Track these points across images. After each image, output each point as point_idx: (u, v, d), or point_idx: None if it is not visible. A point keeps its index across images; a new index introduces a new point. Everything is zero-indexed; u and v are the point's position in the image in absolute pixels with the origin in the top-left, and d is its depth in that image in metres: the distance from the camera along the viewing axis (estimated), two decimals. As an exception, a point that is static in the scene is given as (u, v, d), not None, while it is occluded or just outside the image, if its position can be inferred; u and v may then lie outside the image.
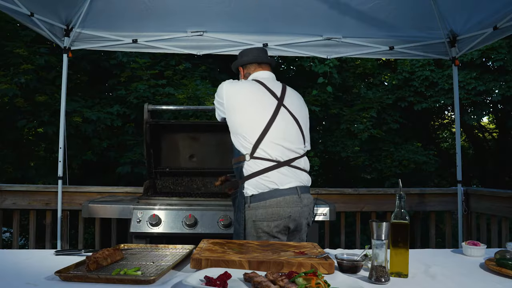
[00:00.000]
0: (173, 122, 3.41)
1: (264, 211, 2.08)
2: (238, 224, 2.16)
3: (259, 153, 2.10)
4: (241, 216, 2.13)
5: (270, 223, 2.08)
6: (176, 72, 6.91)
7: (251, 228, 2.10)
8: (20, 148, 6.48)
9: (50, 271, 1.47)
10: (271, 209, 2.08)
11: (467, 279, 1.48)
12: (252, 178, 2.09)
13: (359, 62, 8.80)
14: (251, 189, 2.10)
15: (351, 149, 7.86)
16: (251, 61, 2.38)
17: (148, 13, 3.42)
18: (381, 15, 3.47)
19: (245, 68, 2.40)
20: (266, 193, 2.08)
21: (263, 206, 2.08)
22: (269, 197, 2.07)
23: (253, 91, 2.22)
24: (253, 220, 2.09)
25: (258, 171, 2.09)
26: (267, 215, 2.08)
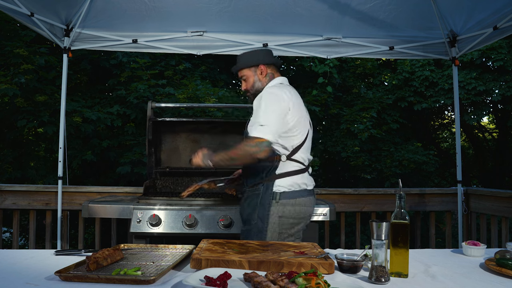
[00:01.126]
0: (176, 119, 3.41)
1: (292, 208, 2.19)
2: (261, 221, 2.18)
3: (296, 156, 2.22)
4: (265, 212, 2.18)
5: (294, 220, 2.21)
6: (176, 72, 6.91)
7: (275, 224, 2.17)
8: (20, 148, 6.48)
9: (50, 271, 1.47)
10: (299, 207, 2.21)
11: (467, 279, 1.48)
12: (286, 177, 2.19)
13: (359, 62, 8.81)
14: (283, 187, 2.18)
15: (351, 149, 7.86)
16: (274, 63, 2.41)
17: (148, 13, 3.43)
18: (381, 15, 3.47)
19: (269, 68, 2.38)
20: (297, 191, 2.20)
21: (292, 203, 2.19)
22: (299, 196, 2.21)
23: (298, 98, 2.29)
24: (279, 216, 2.17)
25: (293, 171, 2.21)
26: (295, 212, 2.20)
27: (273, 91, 2.22)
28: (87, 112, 5.90)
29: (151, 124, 3.18)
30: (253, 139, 2.09)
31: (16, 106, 5.67)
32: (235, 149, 2.14)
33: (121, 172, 5.78)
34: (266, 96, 2.20)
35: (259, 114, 2.14)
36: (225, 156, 2.18)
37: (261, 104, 2.17)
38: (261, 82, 2.36)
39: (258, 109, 2.18)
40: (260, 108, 2.15)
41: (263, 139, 2.07)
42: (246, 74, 2.37)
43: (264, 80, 2.36)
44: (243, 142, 2.15)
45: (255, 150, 2.08)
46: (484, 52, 7.53)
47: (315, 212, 2.86)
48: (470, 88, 7.71)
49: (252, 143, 2.09)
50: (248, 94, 2.41)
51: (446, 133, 12.38)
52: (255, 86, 2.36)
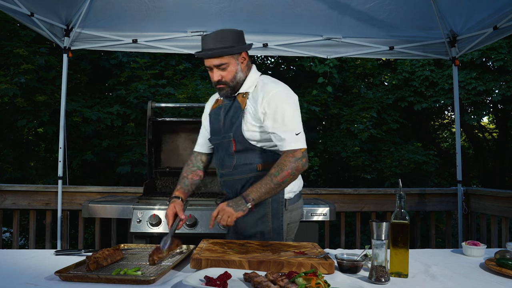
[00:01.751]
0: (176, 119, 3.40)
1: (297, 213, 2.12)
2: (277, 233, 1.96)
3: None
4: (279, 223, 1.97)
5: (296, 224, 2.15)
6: (176, 72, 6.92)
7: (285, 232, 2.02)
8: (20, 148, 6.49)
9: (50, 271, 1.47)
10: (300, 210, 2.15)
11: (467, 279, 1.48)
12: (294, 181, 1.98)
13: (359, 62, 8.81)
14: (292, 192, 2.05)
15: (351, 149, 7.86)
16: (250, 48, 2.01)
17: (148, 13, 3.43)
18: (381, 15, 3.47)
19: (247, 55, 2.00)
20: (297, 195, 2.11)
21: (296, 207, 2.10)
22: (297, 200, 2.12)
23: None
24: (288, 224, 2.06)
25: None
26: (298, 216, 2.13)
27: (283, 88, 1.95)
28: (87, 112, 5.91)
29: (151, 124, 3.19)
30: (297, 150, 1.86)
31: (16, 106, 5.67)
32: (281, 171, 1.83)
33: (121, 172, 5.78)
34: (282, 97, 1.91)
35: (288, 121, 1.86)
36: (271, 186, 1.84)
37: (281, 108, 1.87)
38: (243, 72, 1.98)
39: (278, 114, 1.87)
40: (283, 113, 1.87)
41: (304, 148, 1.88)
42: (228, 62, 1.91)
43: (245, 69, 1.99)
44: (287, 159, 1.85)
45: (304, 162, 1.87)
46: (484, 52, 7.53)
47: (315, 212, 2.86)
48: (470, 88, 7.71)
49: (299, 155, 1.85)
50: (223, 87, 1.96)
51: (446, 133, 12.38)
52: (237, 77, 1.96)
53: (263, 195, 1.84)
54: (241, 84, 1.99)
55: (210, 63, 1.92)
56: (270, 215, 1.96)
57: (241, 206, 1.83)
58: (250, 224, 1.98)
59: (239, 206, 1.83)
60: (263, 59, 9.82)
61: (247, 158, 1.97)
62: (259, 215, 1.97)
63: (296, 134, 1.87)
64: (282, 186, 1.87)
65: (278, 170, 1.83)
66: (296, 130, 1.87)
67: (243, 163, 1.98)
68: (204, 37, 1.91)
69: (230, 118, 1.99)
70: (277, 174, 1.83)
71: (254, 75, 2.02)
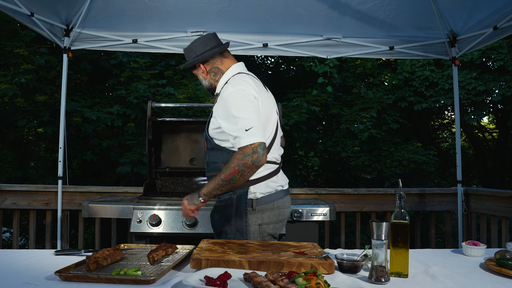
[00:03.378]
0: (176, 119, 3.41)
1: (272, 213, 2.03)
2: (240, 234, 1.99)
3: (269, 156, 1.99)
4: (243, 223, 1.99)
5: (276, 224, 2.07)
6: (176, 72, 6.92)
7: (256, 233, 2.01)
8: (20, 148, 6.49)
9: (50, 271, 1.47)
10: (278, 210, 2.06)
11: (467, 279, 1.48)
12: (261, 182, 1.99)
13: (359, 62, 8.81)
14: (259, 193, 2.00)
15: (351, 149, 7.86)
16: (216, 52, 2.05)
17: (148, 13, 3.43)
18: (381, 15, 3.47)
19: (208, 64, 2.06)
20: (273, 194, 2.03)
21: (270, 208, 2.02)
22: (276, 198, 2.04)
23: (263, 89, 2.05)
24: (258, 224, 2.01)
25: (267, 174, 2.01)
26: (274, 216, 2.05)
27: (235, 87, 1.93)
28: (87, 112, 5.91)
29: (151, 124, 3.19)
30: (246, 147, 1.80)
31: (16, 106, 5.67)
32: (228, 168, 1.83)
33: (121, 172, 5.78)
34: (230, 96, 1.91)
35: (237, 119, 1.85)
36: (219, 183, 1.87)
37: (230, 108, 1.88)
38: (207, 80, 2.09)
39: (229, 115, 1.88)
40: (232, 113, 1.86)
41: (256, 143, 1.80)
42: (195, 72, 2.13)
43: (210, 77, 2.08)
44: (236, 156, 1.83)
45: (255, 158, 1.79)
46: (484, 52, 7.53)
47: (315, 212, 2.86)
48: (470, 88, 7.72)
49: (247, 151, 1.80)
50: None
51: (446, 133, 12.38)
52: (204, 83, 2.12)
53: (212, 190, 1.91)
54: (214, 87, 2.11)
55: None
56: (235, 215, 2.00)
57: (193, 200, 1.95)
58: (218, 223, 2.09)
59: (192, 199, 1.96)
60: (263, 59, 9.82)
61: (215, 156, 2.05)
62: (224, 214, 2.04)
63: (246, 130, 1.82)
64: (232, 183, 1.86)
65: (226, 167, 1.85)
66: (245, 126, 1.83)
67: (212, 161, 2.07)
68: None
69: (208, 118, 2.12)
70: (225, 171, 1.85)
71: (226, 76, 2.05)
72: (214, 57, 2.06)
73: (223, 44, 2.09)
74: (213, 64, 2.07)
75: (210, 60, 2.06)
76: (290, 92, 8.02)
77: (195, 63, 2.06)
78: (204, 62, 2.07)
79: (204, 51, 2.05)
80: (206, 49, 2.05)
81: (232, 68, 2.07)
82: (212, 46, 2.06)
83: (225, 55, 2.09)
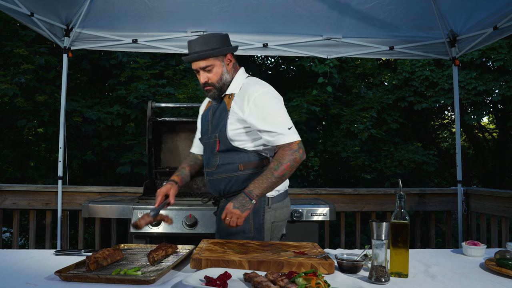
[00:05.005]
0: (176, 119, 3.41)
1: (282, 211, 2.09)
2: (258, 232, 1.99)
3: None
4: (261, 221, 2.00)
5: (283, 223, 2.12)
6: (176, 72, 6.91)
7: (268, 230, 2.03)
8: (20, 148, 6.48)
9: (50, 271, 1.47)
10: (287, 209, 2.12)
11: (467, 279, 1.48)
12: None
13: (359, 62, 8.81)
14: (275, 191, 2.02)
15: (351, 149, 7.86)
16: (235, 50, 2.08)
17: (148, 13, 3.43)
18: (381, 15, 3.47)
19: (232, 57, 2.06)
20: (282, 193, 2.09)
21: (281, 206, 2.08)
22: (284, 197, 2.10)
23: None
24: (272, 222, 2.04)
25: None
26: (284, 214, 2.10)
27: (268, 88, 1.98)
28: (87, 112, 5.91)
29: (151, 124, 3.19)
30: (293, 143, 1.88)
31: (16, 106, 5.67)
32: (280, 165, 1.85)
33: (121, 172, 5.78)
34: (267, 96, 1.95)
35: (277, 118, 1.90)
36: (273, 180, 1.87)
37: (268, 107, 1.91)
38: (229, 74, 2.03)
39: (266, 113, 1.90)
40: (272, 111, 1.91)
41: (298, 140, 1.90)
42: (213, 64, 1.98)
43: (232, 71, 2.05)
44: (284, 152, 1.87)
45: (301, 154, 1.89)
46: (484, 52, 7.52)
47: (315, 212, 2.86)
48: (470, 88, 7.71)
49: (295, 147, 1.87)
50: (210, 88, 2.02)
51: (446, 133, 12.38)
52: (223, 79, 2.01)
53: (265, 189, 1.88)
54: (228, 85, 2.04)
55: (197, 65, 1.99)
56: (252, 213, 1.96)
57: (246, 205, 1.85)
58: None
59: (244, 205, 1.85)
60: (263, 59, 9.82)
61: (230, 158, 2.01)
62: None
63: (288, 129, 1.90)
64: (283, 179, 1.90)
65: (277, 164, 1.87)
66: (287, 125, 1.91)
67: (226, 162, 2.01)
68: (190, 42, 1.99)
69: (217, 119, 2.05)
70: (277, 168, 1.86)
71: (240, 76, 2.06)
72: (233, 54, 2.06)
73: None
74: (234, 60, 2.07)
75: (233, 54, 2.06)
76: (290, 92, 8.02)
77: (229, 51, 2.01)
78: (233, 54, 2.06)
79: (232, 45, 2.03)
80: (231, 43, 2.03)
81: (242, 70, 2.09)
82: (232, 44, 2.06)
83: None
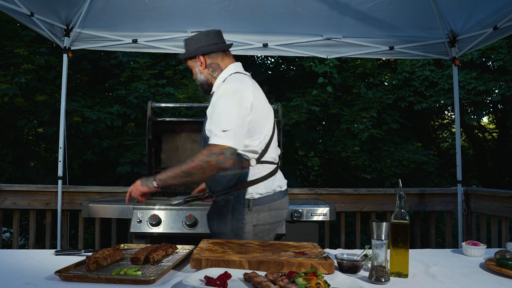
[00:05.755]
0: (176, 119, 3.41)
1: (268, 214, 2.00)
2: (235, 235, 1.96)
3: (267, 157, 2.00)
4: (239, 224, 1.96)
5: (271, 226, 2.04)
6: (176, 72, 6.91)
7: (249, 234, 1.97)
8: (20, 148, 6.48)
9: (50, 271, 1.47)
10: (275, 212, 2.03)
11: (467, 279, 1.48)
12: (259, 182, 1.97)
13: (359, 62, 8.80)
14: (254, 193, 1.97)
15: (351, 149, 7.86)
16: (220, 48, 2.05)
17: (148, 13, 3.43)
18: (381, 15, 3.47)
19: (209, 57, 2.04)
20: (270, 195, 2.00)
21: (267, 208, 1.99)
22: (274, 199, 2.01)
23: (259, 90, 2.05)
24: (253, 225, 1.97)
25: (266, 174, 1.99)
26: (270, 218, 2.01)
27: (231, 86, 1.93)
28: (87, 112, 5.91)
29: (151, 124, 3.18)
30: (217, 146, 1.78)
31: (16, 106, 5.67)
32: (192, 161, 1.80)
33: (121, 172, 5.78)
34: (224, 94, 1.90)
35: (220, 117, 1.84)
36: (178, 173, 1.83)
37: (218, 105, 1.88)
38: (204, 74, 2.06)
39: (215, 110, 1.88)
40: (219, 109, 1.86)
41: (227, 146, 1.77)
42: (190, 65, 2.09)
43: (207, 72, 2.05)
44: (202, 152, 1.81)
45: (221, 159, 1.76)
46: (484, 52, 7.52)
47: (315, 212, 2.86)
48: (470, 88, 7.71)
49: (216, 150, 1.77)
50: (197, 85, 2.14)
51: (446, 133, 12.38)
52: (198, 78, 2.08)
53: (169, 178, 1.87)
54: (207, 85, 2.08)
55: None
56: (231, 215, 1.96)
57: (148, 183, 1.93)
58: (214, 224, 2.06)
59: (146, 182, 1.94)
60: (263, 59, 9.82)
61: None
62: (221, 215, 2.00)
63: (223, 131, 1.80)
64: (192, 177, 1.82)
65: (189, 160, 1.82)
66: (224, 127, 1.80)
67: None
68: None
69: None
70: (187, 163, 1.82)
71: (224, 74, 2.03)
72: (216, 53, 2.04)
73: (226, 43, 2.08)
74: (213, 60, 2.04)
75: (213, 54, 2.04)
76: (290, 92, 8.02)
77: (197, 53, 2.02)
78: (205, 55, 2.03)
79: (208, 44, 2.03)
80: (210, 42, 2.03)
81: (230, 67, 2.05)
82: (216, 42, 2.04)
83: (227, 54, 2.08)
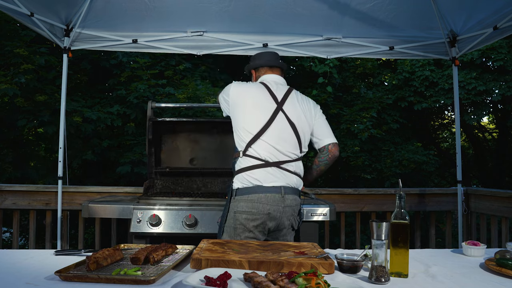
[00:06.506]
0: (176, 119, 3.41)
1: (245, 204, 2.21)
2: (222, 216, 2.30)
3: (250, 152, 2.25)
4: (226, 208, 2.28)
5: (248, 216, 2.20)
6: (176, 72, 6.91)
7: (231, 219, 2.23)
8: (20, 148, 6.48)
9: (50, 271, 1.47)
10: (251, 203, 2.20)
11: (467, 279, 1.48)
12: (240, 173, 2.24)
13: (359, 62, 8.80)
14: (238, 183, 2.25)
15: (351, 149, 7.86)
16: (262, 64, 2.48)
17: (148, 13, 3.42)
18: (381, 15, 3.47)
19: (257, 71, 2.51)
20: (249, 188, 2.22)
21: (245, 199, 2.21)
22: (251, 192, 2.21)
23: (256, 93, 2.32)
24: (234, 212, 2.23)
25: (246, 167, 2.23)
26: (247, 208, 2.20)
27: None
28: (87, 112, 5.90)
29: (151, 124, 3.18)
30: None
31: (16, 106, 5.67)
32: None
33: (121, 172, 5.78)
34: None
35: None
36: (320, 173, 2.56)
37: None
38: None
39: None
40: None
41: None
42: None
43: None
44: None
45: None
46: (484, 52, 7.52)
47: (315, 212, 2.86)
48: (470, 88, 7.71)
49: None
50: None
51: (446, 133, 12.38)
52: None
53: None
54: None
55: None
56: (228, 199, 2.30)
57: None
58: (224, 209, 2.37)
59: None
60: (263, 59, 9.79)
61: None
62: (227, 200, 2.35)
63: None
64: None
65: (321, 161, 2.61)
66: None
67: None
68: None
69: None
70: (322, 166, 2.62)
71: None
72: (262, 68, 2.49)
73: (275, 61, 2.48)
74: (259, 73, 2.50)
75: (259, 69, 2.50)
76: (290, 92, 7.99)
77: (249, 69, 2.55)
78: (255, 70, 2.52)
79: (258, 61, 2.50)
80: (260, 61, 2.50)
81: (263, 77, 2.45)
82: (264, 60, 2.48)
83: (272, 69, 2.47)
